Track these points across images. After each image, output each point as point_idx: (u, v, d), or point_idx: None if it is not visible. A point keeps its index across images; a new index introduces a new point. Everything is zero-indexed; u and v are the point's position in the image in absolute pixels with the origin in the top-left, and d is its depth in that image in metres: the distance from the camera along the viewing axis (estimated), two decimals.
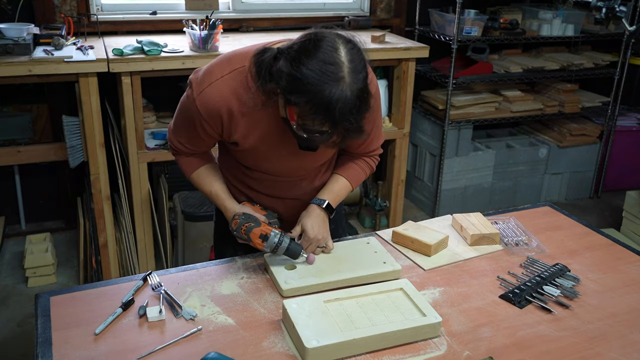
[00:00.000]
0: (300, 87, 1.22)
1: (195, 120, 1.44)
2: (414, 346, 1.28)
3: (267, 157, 1.52)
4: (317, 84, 1.21)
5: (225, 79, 1.41)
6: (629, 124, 4.17)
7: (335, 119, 1.23)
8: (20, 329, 2.65)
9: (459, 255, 1.65)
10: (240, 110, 1.42)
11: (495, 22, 3.63)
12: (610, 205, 4.14)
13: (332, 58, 1.22)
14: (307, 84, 1.21)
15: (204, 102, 1.41)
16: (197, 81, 1.43)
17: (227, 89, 1.40)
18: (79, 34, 2.94)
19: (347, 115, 1.23)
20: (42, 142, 3.15)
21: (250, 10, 3.47)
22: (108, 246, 2.86)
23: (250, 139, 1.46)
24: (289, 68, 1.24)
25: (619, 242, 1.77)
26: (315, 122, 1.25)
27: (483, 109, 3.78)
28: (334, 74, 1.21)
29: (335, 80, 1.21)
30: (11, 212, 3.35)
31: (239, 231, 1.49)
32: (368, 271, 1.50)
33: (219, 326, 1.31)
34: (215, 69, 1.43)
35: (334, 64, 1.22)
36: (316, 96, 1.21)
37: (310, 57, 1.22)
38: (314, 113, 1.23)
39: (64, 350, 1.21)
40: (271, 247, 1.49)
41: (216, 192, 1.58)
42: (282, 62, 1.26)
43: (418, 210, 3.96)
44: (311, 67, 1.21)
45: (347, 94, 1.22)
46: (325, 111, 1.22)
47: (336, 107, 1.21)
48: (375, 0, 3.70)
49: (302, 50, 1.24)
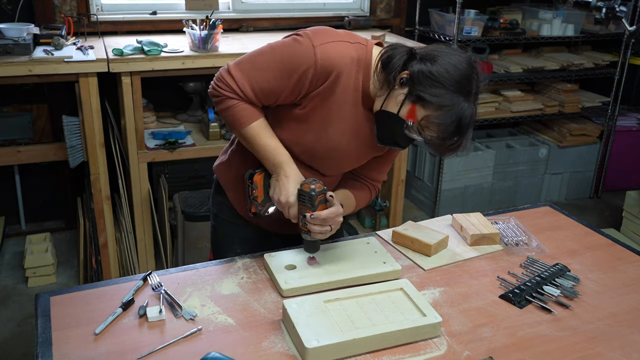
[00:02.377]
0: (440, 92, 1.29)
1: (302, 68, 1.37)
2: (414, 346, 1.28)
3: (325, 138, 1.46)
4: (454, 93, 1.29)
5: (350, 44, 1.42)
6: (629, 124, 4.17)
7: (461, 130, 1.32)
8: (20, 329, 2.65)
9: (459, 255, 1.65)
10: (343, 81, 1.41)
11: (495, 22, 3.63)
12: (610, 205, 4.14)
13: (468, 73, 1.32)
14: (448, 92, 1.29)
15: (326, 53, 1.37)
16: (317, 33, 1.40)
17: (349, 55, 1.40)
18: (79, 34, 2.94)
19: (470, 127, 1.34)
20: (42, 142, 3.16)
21: (250, 10, 3.47)
22: (108, 246, 2.86)
23: (324, 113, 1.43)
24: (429, 69, 1.31)
25: (619, 242, 1.76)
26: (441, 127, 1.31)
27: (483, 109, 3.78)
28: (469, 90, 1.32)
29: (469, 95, 1.32)
30: (11, 212, 3.35)
31: (316, 195, 1.39)
32: (368, 271, 1.50)
33: (219, 326, 1.31)
34: (339, 32, 1.44)
35: (469, 78, 1.32)
36: (453, 106, 1.29)
37: (449, 65, 1.31)
38: (445, 119, 1.30)
39: (64, 350, 1.21)
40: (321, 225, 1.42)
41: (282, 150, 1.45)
42: (421, 63, 1.33)
43: (418, 210, 3.96)
44: (451, 74, 1.30)
45: (474, 109, 1.33)
46: (457, 122, 1.30)
47: (466, 120, 1.31)
48: (375, 0, 3.71)
49: (441, 57, 1.32)
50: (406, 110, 1.34)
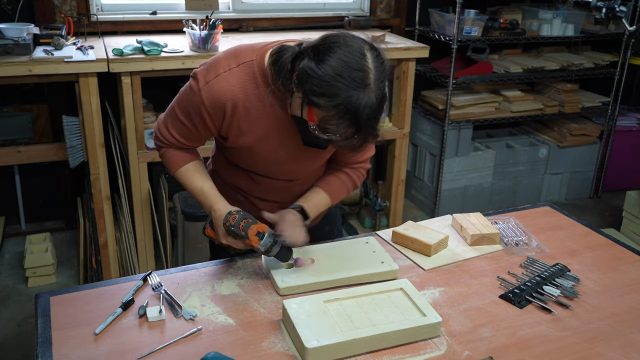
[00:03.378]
0: (328, 91, 1.23)
1: (197, 112, 1.43)
2: (414, 346, 1.28)
3: (264, 157, 1.51)
4: (346, 90, 1.22)
5: (233, 71, 1.41)
6: (629, 124, 4.17)
7: (362, 124, 1.25)
8: (20, 329, 2.65)
9: (459, 255, 1.65)
10: (244, 105, 1.41)
11: (495, 22, 3.63)
12: (610, 205, 4.14)
13: (360, 64, 1.24)
14: (335, 88, 1.22)
15: (210, 93, 1.40)
16: (203, 73, 1.42)
17: (235, 82, 1.40)
18: (79, 34, 2.94)
19: (371, 121, 1.26)
20: (42, 142, 3.15)
21: (250, 10, 3.47)
22: (108, 246, 2.86)
23: (249, 136, 1.46)
24: (314, 70, 1.24)
25: (619, 242, 1.76)
26: (340, 126, 1.27)
27: (483, 109, 3.78)
28: (362, 81, 1.24)
29: (363, 87, 1.24)
30: (11, 212, 3.35)
31: (237, 227, 1.45)
32: (365, 271, 1.50)
33: (219, 326, 1.31)
34: (222, 61, 1.42)
35: (362, 70, 1.24)
36: (344, 101, 1.23)
37: (337, 61, 1.23)
38: (340, 117, 1.25)
39: (64, 350, 1.21)
40: (265, 246, 1.46)
41: (207, 189, 1.52)
42: (307, 63, 1.26)
43: (418, 210, 3.96)
44: (339, 71, 1.23)
45: (373, 101, 1.25)
46: (353, 117, 1.24)
47: (364, 113, 1.24)
48: (375, 0, 3.70)
49: (328, 53, 1.25)
50: (306, 112, 1.30)
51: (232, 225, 1.46)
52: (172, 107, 1.51)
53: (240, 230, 1.45)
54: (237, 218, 1.46)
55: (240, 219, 1.46)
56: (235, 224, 1.46)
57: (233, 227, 1.46)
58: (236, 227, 1.46)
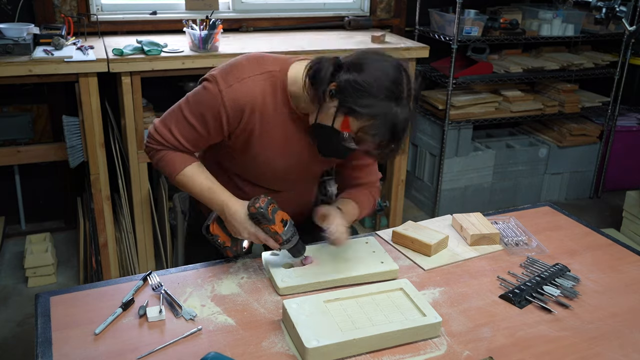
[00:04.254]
0: (370, 102, 1.29)
1: (214, 114, 1.43)
2: (414, 346, 1.28)
3: (263, 164, 1.52)
4: (386, 103, 1.28)
5: (256, 78, 1.43)
6: (629, 124, 4.17)
7: (396, 136, 1.31)
8: (20, 329, 2.65)
9: (459, 255, 1.65)
10: (260, 112, 1.44)
11: (495, 22, 3.63)
12: (610, 205, 4.14)
13: (398, 79, 1.31)
14: (377, 100, 1.28)
15: (233, 95, 1.41)
16: (224, 76, 1.43)
17: (258, 89, 1.43)
18: (79, 34, 2.94)
19: (405, 132, 1.32)
20: (42, 142, 3.15)
21: (250, 10, 3.46)
22: (108, 246, 2.86)
23: (256, 142, 1.48)
24: (356, 79, 1.30)
25: (619, 242, 1.76)
26: (376, 136, 1.31)
27: (483, 109, 3.78)
28: (400, 95, 1.30)
29: (400, 100, 1.30)
30: (11, 212, 3.35)
31: (265, 209, 1.42)
32: (365, 270, 1.50)
33: (219, 326, 1.31)
34: (246, 67, 1.44)
35: (399, 83, 1.30)
36: (386, 114, 1.29)
37: (376, 71, 1.30)
38: (379, 128, 1.30)
39: (64, 350, 1.21)
40: (287, 234, 1.44)
41: (216, 187, 1.50)
42: (348, 74, 1.31)
43: (418, 210, 3.96)
44: (379, 82, 1.29)
45: (407, 113, 1.32)
46: (391, 129, 1.30)
47: (400, 126, 1.30)
48: (375, 0, 3.70)
49: (367, 65, 1.31)
50: (340, 122, 1.34)
51: (261, 207, 1.42)
52: (179, 110, 1.49)
53: (269, 214, 1.42)
54: (266, 201, 1.43)
55: (269, 202, 1.44)
56: (264, 207, 1.42)
57: (262, 209, 1.42)
58: (265, 209, 1.42)
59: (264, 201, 1.43)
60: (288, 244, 1.47)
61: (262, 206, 1.42)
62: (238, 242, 1.54)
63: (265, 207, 1.42)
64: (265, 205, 1.43)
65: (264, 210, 1.42)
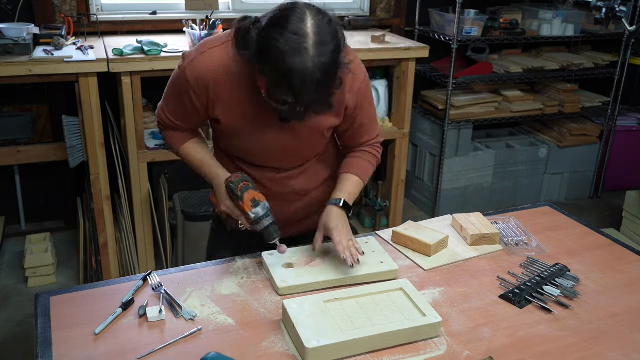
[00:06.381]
0: (266, 57, 1.25)
1: (184, 91, 1.46)
2: (414, 346, 1.28)
3: (252, 137, 1.50)
4: (280, 54, 1.22)
5: (215, 50, 1.44)
6: (629, 124, 4.17)
7: (296, 89, 1.24)
8: (20, 329, 2.65)
9: (459, 255, 1.65)
10: (226, 82, 1.43)
11: (495, 22, 3.63)
12: (610, 205, 4.14)
13: (298, 29, 1.22)
14: (272, 53, 1.23)
15: (193, 70, 1.43)
16: (190, 52, 1.47)
17: (217, 59, 1.42)
18: (79, 34, 2.94)
19: (309, 86, 1.23)
20: (42, 142, 3.15)
21: (250, 10, 3.46)
22: (108, 246, 2.86)
23: (234, 115, 1.47)
24: (258, 37, 1.27)
25: (619, 242, 1.76)
26: (279, 92, 1.27)
27: (483, 109, 3.78)
28: (298, 45, 1.21)
29: (298, 51, 1.21)
30: (11, 212, 3.35)
31: (235, 185, 1.44)
32: (365, 270, 1.50)
33: (219, 326, 1.31)
34: (207, 42, 1.47)
35: (298, 34, 1.22)
36: (279, 66, 1.23)
37: (278, 27, 1.24)
38: (276, 83, 1.26)
39: (64, 350, 1.21)
40: (257, 215, 1.43)
41: (208, 160, 1.55)
42: (254, 31, 1.29)
43: (418, 210, 3.96)
44: (277, 37, 1.23)
45: (309, 65, 1.22)
46: (287, 82, 1.23)
47: (297, 78, 1.22)
48: (375, 0, 3.70)
49: (273, 20, 1.27)
50: (259, 83, 1.32)
51: (231, 182, 1.45)
52: (166, 91, 1.55)
53: (237, 190, 1.44)
54: (238, 178, 1.46)
55: (240, 179, 1.45)
56: (235, 182, 1.45)
57: (232, 184, 1.44)
58: (235, 185, 1.44)
59: (236, 177, 1.46)
60: (257, 225, 1.46)
61: (233, 181, 1.45)
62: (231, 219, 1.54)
63: (236, 183, 1.45)
64: (237, 181, 1.45)
65: (234, 186, 1.45)
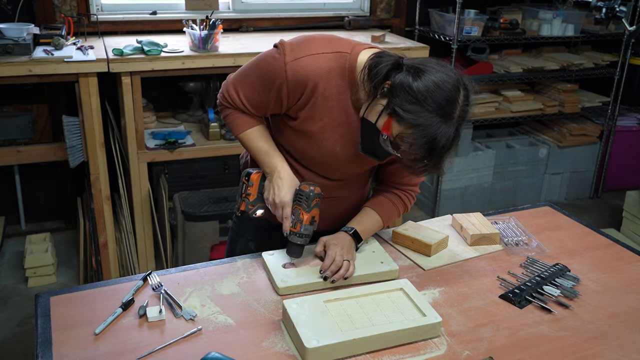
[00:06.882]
0: (416, 109, 1.24)
1: (276, 85, 1.42)
2: (414, 346, 1.28)
3: (319, 147, 1.50)
4: (432, 114, 1.24)
5: (326, 56, 1.41)
6: (629, 124, 4.17)
7: (434, 152, 1.27)
8: (20, 329, 2.65)
9: (459, 255, 1.65)
10: (323, 91, 1.42)
11: (495, 22, 3.63)
12: (610, 205, 4.14)
13: (452, 96, 1.25)
14: (423, 108, 1.24)
15: (296, 70, 1.40)
16: (293, 47, 1.41)
17: (325, 66, 1.40)
18: (79, 34, 2.94)
19: (443, 153, 1.28)
20: (42, 142, 3.16)
21: (250, 10, 3.47)
22: (108, 246, 2.86)
23: (315, 123, 1.46)
24: (410, 84, 1.26)
25: (619, 242, 1.76)
26: (413, 147, 1.27)
27: (483, 109, 3.78)
28: (450, 114, 1.25)
29: (449, 119, 1.25)
30: (11, 212, 3.35)
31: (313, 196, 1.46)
32: (365, 271, 1.50)
33: (219, 326, 1.31)
34: (318, 43, 1.43)
35: (452, 102, 1.25)
36: (427, 124, 1.24)
37: (433, 84, 1.25)
38: (416, 138, 1.25)
39: (64, 350, 1.21)
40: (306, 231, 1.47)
41: (272, 151, 1.52)
42: (404, 75, 1.28)
43: (418, 210, 3.96)
44: (432, 94, 1.24)
45: (451, 135, 1.26)
46: (430, 142, 1.25)
47: (440, 142, 1.25)
48: (375, 0, 3.71)
49: (426, 74, 1.26)
50: (383, 122, 1.31)
51: (312, 191, 1.46)
52: (248, 72, 1.49)
53: (312, 201, 1.46)
54: (318, 192, 1.47)
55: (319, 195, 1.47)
56: (313, 193, 1.46)
57: (311, 192, 1.46)
58: (312, 196, 1.45)
59: (317, 190, 1.47)
60: (295, 238, 1.47)
61: (313, 191, 1.46)
62: (257, 204, 1.54)
63: (314, 195, 1.46)
64: (315, 194, 1.46)
65: (312, 195, 1.46)
